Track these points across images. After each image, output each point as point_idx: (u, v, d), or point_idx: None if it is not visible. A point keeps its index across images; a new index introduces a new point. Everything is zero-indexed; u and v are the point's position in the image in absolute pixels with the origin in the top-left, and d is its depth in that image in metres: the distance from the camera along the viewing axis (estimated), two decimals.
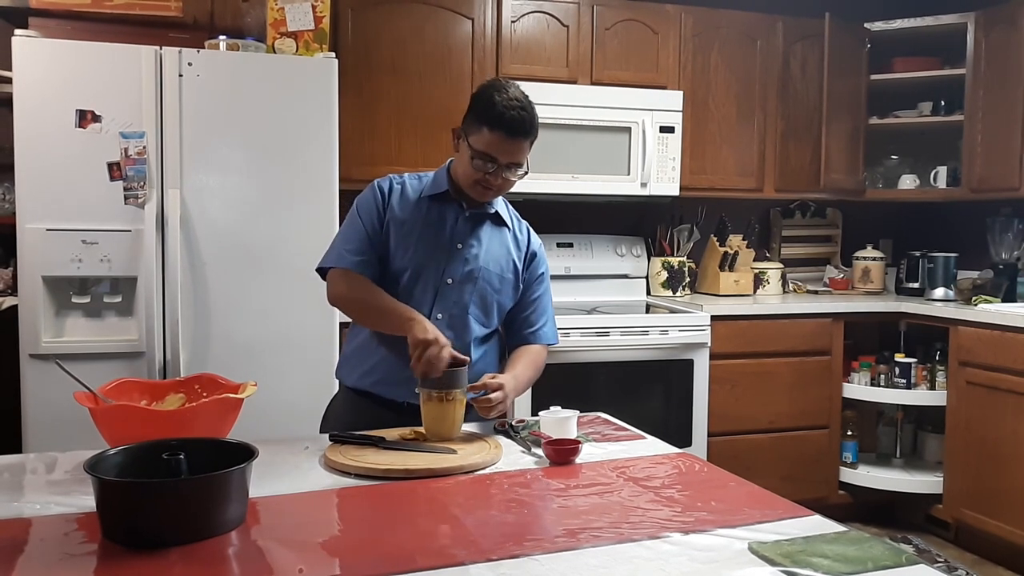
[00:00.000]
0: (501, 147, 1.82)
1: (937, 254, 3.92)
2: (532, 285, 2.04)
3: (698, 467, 1.66)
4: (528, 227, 2.09)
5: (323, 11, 3.04)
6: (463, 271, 1.92)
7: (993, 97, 3.65)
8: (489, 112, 1.81)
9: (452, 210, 1.94)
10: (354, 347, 2.01)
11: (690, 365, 3.47)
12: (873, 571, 1.16)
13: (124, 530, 1.21)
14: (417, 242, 1.91)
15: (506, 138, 1.81)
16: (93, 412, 1.53)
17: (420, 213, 1.93)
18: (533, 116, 1.84)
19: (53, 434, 2.55)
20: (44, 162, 2.64)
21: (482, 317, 1.96)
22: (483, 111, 1.82)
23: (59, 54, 2.65)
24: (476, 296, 1.94)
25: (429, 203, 1.94)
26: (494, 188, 1.88)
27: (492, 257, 1.96)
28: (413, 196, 1.95)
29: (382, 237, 1.92)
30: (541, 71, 3.59)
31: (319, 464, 1.61)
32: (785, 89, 3.96)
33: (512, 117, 1.80)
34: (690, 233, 4.11)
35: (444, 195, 1.94)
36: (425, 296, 1.91)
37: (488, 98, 1.82)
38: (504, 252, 1.99)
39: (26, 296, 2.66)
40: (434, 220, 1.93)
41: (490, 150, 1.82)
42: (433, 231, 1.92)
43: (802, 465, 3.69)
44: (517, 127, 1.81)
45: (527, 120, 1.82)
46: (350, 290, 1.90)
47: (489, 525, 1.32)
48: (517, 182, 1.89)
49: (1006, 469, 3.26)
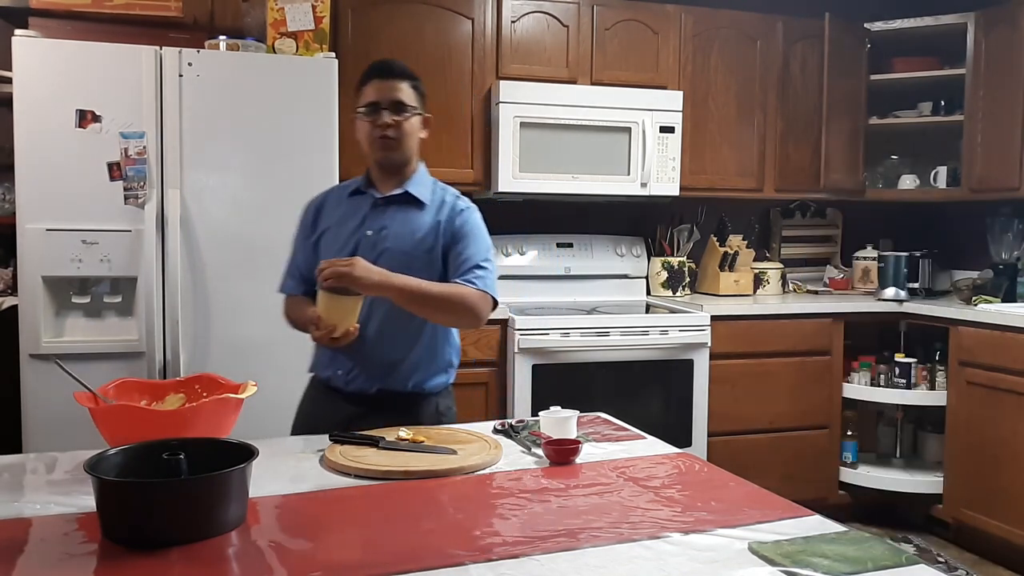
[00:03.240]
0: (377, 91, 1.96)
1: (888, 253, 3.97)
2: (453, 247, 2.01)
3: (698, 467, 1.66)
4: (456, 197, 2.07)
5: (323, 11, 3.04)
6: (371, 256, 1.92)
7: (993, 97, 3.65)
8: (361, 78, 2.01)
9: (366, 201, 2.04)
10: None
11: (690, 365, 3.47)
12: (873, 571, 1.16)
13: (124, 530, 1.21)
14: (332, 241, 2.02)
15: (378, 80, 1.97)
16: (93, 412, 1.53)
17: (340, 213, 2.05)
18: (405, 65, 2.02)
19: (53, 434, 2.55)
20: (44, 162, 2.63)
21: None
22: (361, 79, 2.01)
23: (59, 54, 2.65)
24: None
25: (349, 201, 2.06)
26: (389, 136, 1.96)
27: (400, 237, 1.98)
28: (339, 200, 2.09)
29: (311, 250, 2.05)
30: (541, 71, 3.59)
31: (319, 464, 1.61)
32: (785, 89, 3.96)
33: (376, 64, 2.00)
34: (690, 233, 4.11)
35: (359, 190, 2.07)
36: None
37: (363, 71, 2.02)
38: (415, 230, 1.99)
39: (26, 296, 2.66)
40: (350, 215, 2.03)
41: (370, 97, 1.97)
42: (348, 226, 2.02)
43: (802, 465, 3.69)
44: (384, 68, 1.98)
45: (394, 63, 2.01)
46: (287, 312, 2.09)
47: (489, 525, 1.32)
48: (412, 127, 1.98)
49: (1006, 469, 3.26)
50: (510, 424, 1.89)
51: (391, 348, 1.98)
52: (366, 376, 1.98)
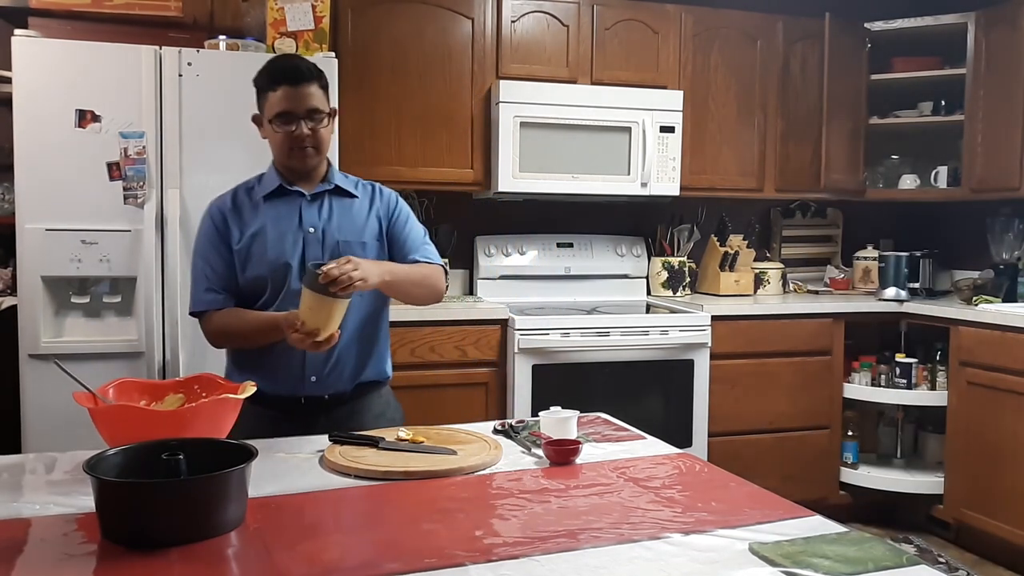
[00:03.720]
0: (291, 98, 1.86)
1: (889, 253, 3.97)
2: (398, 228, 2.03)
3: (698, 467, 1.66)
4: (379, 186, 2.08)
5: (323, 11, 3.04)
6: (325, 253, 1.91)
7: (993, 97, 3.65)
8: (266, 76, 1.88)
9: (294, 200, 1.96)
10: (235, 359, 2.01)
11: (690, 365, 3.47)
12: (874, 571, 1.16)
13: (124, 530, 1.21)
14: (272, 243, 1.92)
15: (291, 88, 1.85)
16: (92, 412, 1.52)
17: (265, 215, 1.94)
18: (309, 63, 1.90)
19: (53, 434, 2.55)
20: (44, 162, 2.63)
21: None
22: (262, 80, 1.89)
23: (59, 54, 2.65)
24: None
25: (269, 203, 1.95)
26: (308, 145, 1.90)
27: (347, 229, 1.96)
28: (251, 203, 1.96)
29: (233, 259, 1.92)
30: (541, 71, 3.59)
31: (319, 464, 1.61)
32: (785, 89, 3.96)
33: (286, 68, 1.87)
34: (690, 233, 4.11)
35: (279, 189, 1.96)
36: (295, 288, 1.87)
37: (263, 70, 1.91)
38: (358, 220, 1.99)
39: (25, 296, 2.66)
40: (282, 215, 1.94)
41: (283, 106, 1.86)
42: (284, 226, 1.93)
43: (802, 465, 3.68)
44: (295, 75, 1.86)
45: (301, 65, 1.88)
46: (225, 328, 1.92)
47: (489, 526, 1.32)
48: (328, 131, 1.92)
49: (1007, 469, 3.26)
50: (510, 424, 1.89)
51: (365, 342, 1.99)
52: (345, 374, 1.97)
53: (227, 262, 1.93)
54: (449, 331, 3.24)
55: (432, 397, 3.16)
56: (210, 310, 1.93)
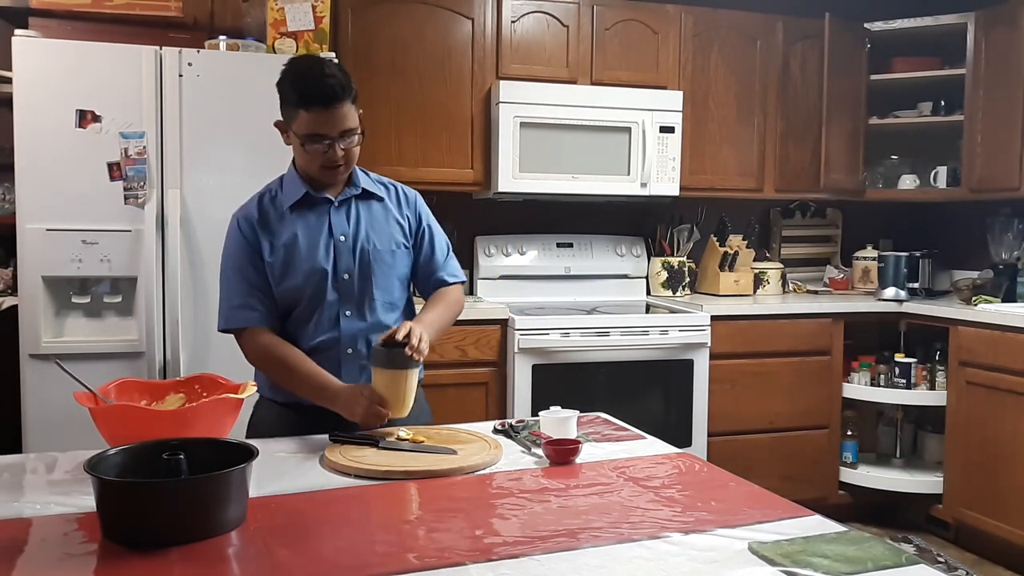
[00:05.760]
0: (324, 122, 1.77)
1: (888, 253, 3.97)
2: (424, 240, 2.01)
3: (698, 467, 1.66)
4: (400, 186, 2.04)
5: (323, 11, 3.04)
6: (356, 261, 1.89)
7: (993, 97, 3.65)
8: (297, 93, 1.76)
9: (321, 207, 1.90)
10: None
11: (690, 365, 3.47)
12: (873, 571, 1.16)
13: (124, 530, 1.21)
14: (306, 253, 1.87)
15: (324, 111, 1.76)
16: (93, 412, 1.53)
17: (293, 225, 1.88)
18: (341, 77, 1.77)
19: (53, 434, 2.55)
20: (44, 162, 2.64)
21: (387, 296, 1.94)
22: (292, 95, 1.78)
23: (59, 54, 2.65)
24: (377, 278, 1.91)
25: (296, 212, 1.89)
26: (341, 164, 1.84)
27: (377, 234, 1.93)
28: (277, 212, 1.90)
29: (266, 270, 1.87)
30: (541, 71, 3.59)
31: (319, 464, 1.61)
32: (785, 89, 3.96)
33: (320, 88, 1.75)
34: (690, 233, 4.11)
35: (305, 197, 1.89)
36: (330, 298, 1.88)
37: (291, 81, 1.78)
38: (387, 223, 1.96)
39: (26, 296, 2.66)
40: (311, 225, 1.88)
41: (315, 129, 1.77)
42: (314, 235, 1.88)
43: (802, 465, 3.69)
44: (329, 96, 1.75)
45: (336, 85, 1.75)
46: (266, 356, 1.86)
47: (489, 525, 1.32)
48: (358, 147, 1.86)
49: (1006, 469, 3.26)
50: (510, 424, 1.89)
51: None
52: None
53: (262, 273, 1.87)
54: (449, 331, 3.22)
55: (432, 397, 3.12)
56: (249, 327, 1.87)
